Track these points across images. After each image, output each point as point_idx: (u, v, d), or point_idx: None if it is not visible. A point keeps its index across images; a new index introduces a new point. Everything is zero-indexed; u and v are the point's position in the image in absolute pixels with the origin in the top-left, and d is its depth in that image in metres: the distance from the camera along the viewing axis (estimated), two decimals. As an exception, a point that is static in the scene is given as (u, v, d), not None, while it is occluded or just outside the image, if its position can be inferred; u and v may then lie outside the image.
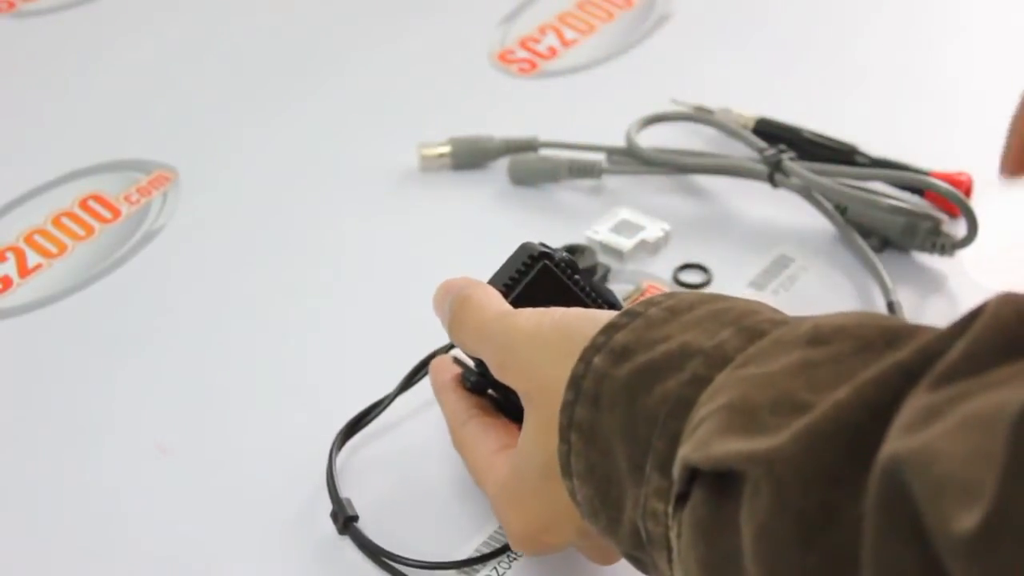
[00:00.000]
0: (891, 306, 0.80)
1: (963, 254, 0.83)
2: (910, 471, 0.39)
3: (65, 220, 0.89)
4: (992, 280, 0.83)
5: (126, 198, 0.91)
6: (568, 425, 0.54)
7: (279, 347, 0.81)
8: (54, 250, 0.87)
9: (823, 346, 0.48)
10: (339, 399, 0.77)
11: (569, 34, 1.05)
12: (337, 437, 0.71)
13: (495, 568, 0.68)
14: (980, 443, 0.38)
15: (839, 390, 0.45)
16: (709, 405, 0.49)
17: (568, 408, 0.54)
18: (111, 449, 0.75)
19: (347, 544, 0.68)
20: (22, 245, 0.87)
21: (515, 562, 0.68)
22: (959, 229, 0.83)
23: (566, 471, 0.55)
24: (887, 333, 0.47)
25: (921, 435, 0.40)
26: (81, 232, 0.88)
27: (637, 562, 0.55)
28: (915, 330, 0.47)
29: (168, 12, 1.09)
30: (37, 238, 0.88)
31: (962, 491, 0.38)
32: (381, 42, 1.05)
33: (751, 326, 0.51)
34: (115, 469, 0.74)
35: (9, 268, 0.86)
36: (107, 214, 0.90)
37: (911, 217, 0.83)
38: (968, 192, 0.87)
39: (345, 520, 0.68)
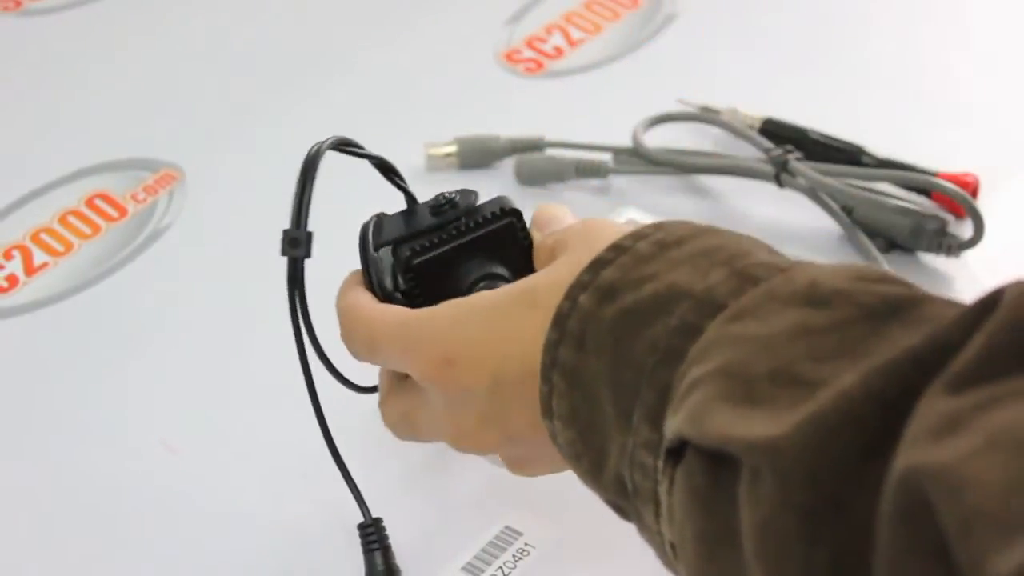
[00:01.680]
0: (897, 307, 0.80)
1: (969, 255, 0.83)
2: (936, 491, 0.38)
3: (72, 219, 0.89)
4: (998, 281, 0.83)
5: (132, 197, 0.91)
6: (551, 365, 0.52)
7: (285, 345, 0.81)
8: (60, 248, 0.87)
9: (823, 309, 0.46)
10: (345, 397, 0.77)
11: (576, 34, 1.04)
12: None
13: (500, 568, 0.68)
14: (1015, 470, 0.37)
15: (844, 375, 0.43)
16: (701, 366, 0.47)
17: (551, 348, 0.52)
18: (117, 448, 0.75)
19: (358, 552, 0.68)
20: (28, 243, 0.87)
21: (520, 561, 0.68)
22: (965, 230, 0.83)
23: (547, 412, 0.53)
24: (890, 302, 0.45)
25: (946, 449, 0.39)
26: (87, 231, 0.88)
27: (619, 510, 0.53)
28: (920, 300, 0.45)
29: (175, 11, 1.09)
30: (44, 236, 0.88)
31: (998, 527, 0.36)
32: (388, 42, 1.05)
33: (743, 269, 0.49)
34: (122, 467, 0.74)
35: (15, 266, 0.86)
36: (113, 213, 0.90)
37: (917, 218, 0.83)
38: (974, 193, 0.87)
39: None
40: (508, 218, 0.61)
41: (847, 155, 0.89)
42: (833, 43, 1.03)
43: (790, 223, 0.87)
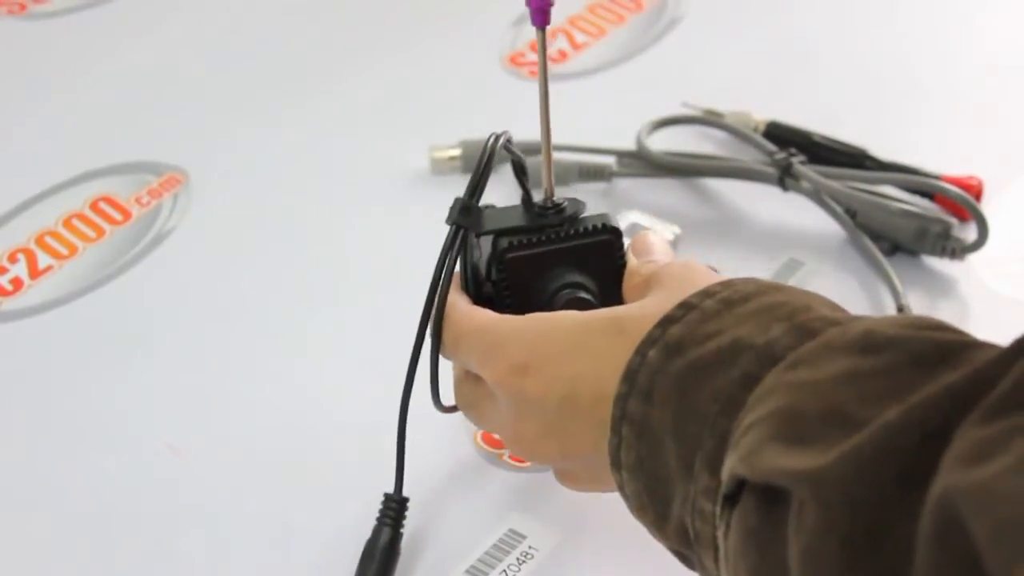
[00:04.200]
0: (901, 310, 0.80)
1: (973, 258, 0.83)
2: (968, 508, 0.39)
3: (76, 222, 0.89)
4: (1002, 284, 0.83)
5: (137, 200, 0.91)
6: (620, 417, 0.54)
7: (289, 348, 0.81)
8: (64, 252, 0.87)
9: (874, 355, 0.47)
10: (350, 399, 0.77)
11: (580, 37, 1.05)
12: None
13: (504, 571, 0.68)
14: None
15: (888, 410, 0.44)
16: (757, 410, 0.48)
17: (621, 401, 0.54)
18: (122, 450, 0.75)
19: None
20: (33, 247, 0.87)
21: (524, 564, 0.68)
22: (969, 233, 0.83)
23: (615, 463, 0.55)
24: (940, 348, 0.47)
25: (979, 471, 0.40)
26: (92, 234, 0.88)
27: (683, 559, 0.54)
28: (970, 346, 0.47)
29: (179, 14, 1.09)
30: (48, 240, 0.88)
31: None
32: (392, 45, 1.05)
33: (803, 323, 0.51)
34: (126, 470, 0.74)
35: (20, 269, 0.86)
36: (118, 216, 0.90)
37: (921, 221, 0.83)
38: (978, 196, 0.87)
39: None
40: (608, 235, 0.62)
41: (851, 158, 0.89)
42: (837, 46, 1.03)
43: (794, 226, 0.87)
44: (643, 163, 0.90)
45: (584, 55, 1.03)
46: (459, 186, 0.62)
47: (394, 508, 0.67)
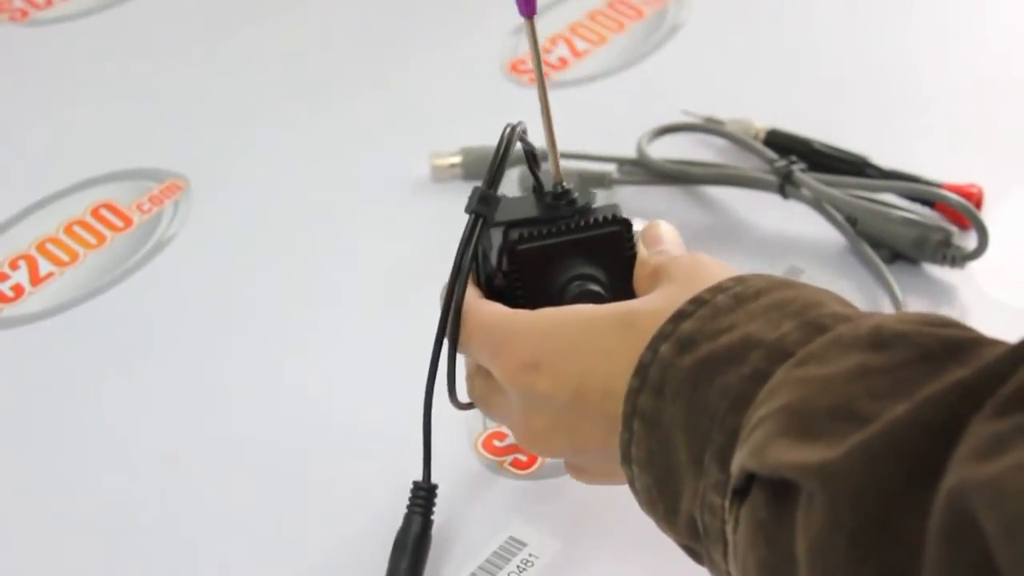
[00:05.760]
0: (901, 318, 0.80)
1: (973, 266, 0.83)
2: (980, 504, 0.39)
3: (77, 228, 0.89)
4: (1003, 292, 0.83)
5: (138, 207, 0.91)
6: (632, 413, 0.54)
7: (290, 355, 0.81)
8: (66, 259, 0.87)
9: (883, 351, 0.47)
10: (352, 406, 0.77)
11: (580, 45, 1.05)
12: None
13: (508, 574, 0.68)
14: None
15: (897, 405, 0.44)
16: (767, 405, 0.49)
17: (632, 396, 0.54)
18: (121, 457, 0.75)
19: (347, 554, 0.68)
20: (34, 253, 0.88)
21: (524, 572, 0.68)
22: (970, 241, 0.83)
23: (626, 459, 0.55)
24: (949, 343, 0.47)
25: (991, 466, 0.40)
26: (93, 241, 0.89)
27: (692, 553, 0.55)
28: (978, 342, 0.47)
29: (180, 21, 1.09)
30: (49, 247, 0.88)
31: None
32: (394, 52, 1.05)
33: (813, 319, 0.51)
34: (125, 476, 0.74)
35: (21, 276, 0.86)
36: (119, 223, 0.90)
37: (922, 229, 0.83)
38: (979, 204, 0.87)
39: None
40: (617, 227, 0.63)
41: (851, 166, 0.89)
42: (837, 54, 1.04)
43: (794, 234, 0.87)
44: (644, 171, 0.90)
45: (585, 62, 1.03)
46: (460, 193, 0.62)
47: (422, 495, 0.67)
